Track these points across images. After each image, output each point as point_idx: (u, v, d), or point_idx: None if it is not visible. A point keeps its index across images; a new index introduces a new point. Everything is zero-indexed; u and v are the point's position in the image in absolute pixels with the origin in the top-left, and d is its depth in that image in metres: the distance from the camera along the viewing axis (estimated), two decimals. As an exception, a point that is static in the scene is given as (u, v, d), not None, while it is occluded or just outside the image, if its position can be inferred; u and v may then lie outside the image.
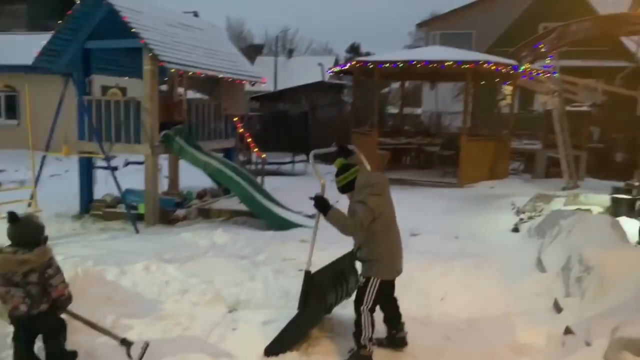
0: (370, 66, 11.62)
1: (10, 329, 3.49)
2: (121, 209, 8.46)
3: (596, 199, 8.87)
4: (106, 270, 5.32)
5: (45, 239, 3.36)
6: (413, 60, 11.15)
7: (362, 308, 3.61)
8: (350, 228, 3.60)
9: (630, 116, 18.69)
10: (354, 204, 3.65)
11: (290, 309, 4.53)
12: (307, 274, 3.71)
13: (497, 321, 4.28)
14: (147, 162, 8.16)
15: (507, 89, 21.77)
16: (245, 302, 4.86)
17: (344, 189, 3.81)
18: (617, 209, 7.75)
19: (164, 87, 10.56)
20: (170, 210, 8.54)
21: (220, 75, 9.23)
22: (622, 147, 16.57)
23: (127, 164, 14.66)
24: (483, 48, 21.07)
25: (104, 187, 9.35)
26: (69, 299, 3.44)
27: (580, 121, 13.70)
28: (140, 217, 8.13)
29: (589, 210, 7.42)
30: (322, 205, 3.68)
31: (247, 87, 11.91)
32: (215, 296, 4.84)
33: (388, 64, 11.41)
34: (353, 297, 3.86)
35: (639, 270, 4.18)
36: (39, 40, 8.76)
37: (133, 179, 9.11)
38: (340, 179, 3.80)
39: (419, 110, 26.62)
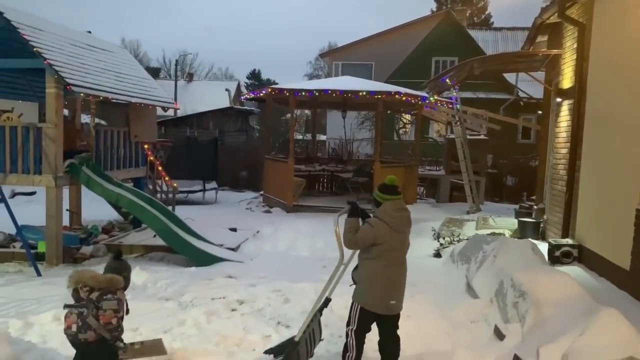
0: (287, 94, 11.60)
1: None
2: (16, 248, 7.46)
3: (503, 222, 9.50)
4: (7, 324, 4.61)
5: (127, 278, 3.61)
6: (328, 89, 11.31)
7: (348, 329, 3.77)
8: (346, 240, 3.72)
9: (512, 143, 20.66)
10: (365, 223, 3.78)
11: (231, 356, 4.23)
12: (294, 343, 3.52)
13: (445, 354, 4.28)
14: (50, 195, 7.30)
15: (406, 117, 23.10)
16: (180, 350, 4.42)
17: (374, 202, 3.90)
18: (523, 231, 8.34)
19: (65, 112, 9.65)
20: (74, 247, 7.71)
21: (133, 100, 8.63)
22: (510, 172, 18.19)
23: (14, 194, 13.16)
24: (382, 78, 22.25)
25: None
26: (115, 329, 3.40)
27: (478, 149, 14.78)
28: (40, 257, 7.22)
29: (502, 234, 7.90)
30: (353, 209, 3.82)
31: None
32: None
33: (304, 92, 11.46)
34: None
35: (568, 292, 4.43)
36: None
37: (22, 212, 8.09)
38: (376, 193, 3.88)
39: (323, 137, 27.20)
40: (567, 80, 7.66)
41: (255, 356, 4.14)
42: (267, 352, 4.10)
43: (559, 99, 7.98)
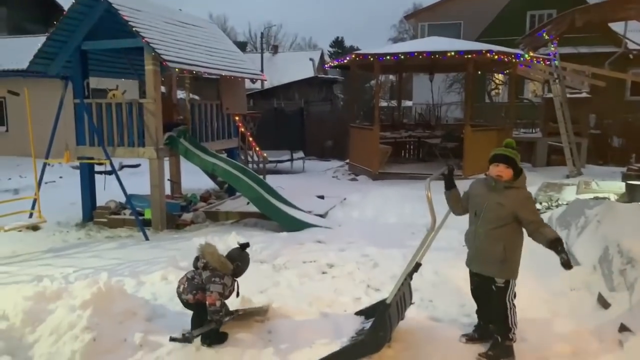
0: (371, 59, 11.42)
1: None
2: (126, 215, 8.17)
3: (608, 186, 8.81)
4: (124, 282, 5.10)
5: (239, 267, 3.98)
6: (414, 52, 10.97)
7: (508, 303, 3.58)
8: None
9: (619, 101, 18.85)
10: (531, 205, 3.55)
11: (323, 317, 4.38)
12: (385, 305, 3.52)
13: (544, 321, 4.13)
14: (153, 166, 7.87)
15: (498, 78, 21.84)
16: (275, 310, 4.64)
17: (518, 171, 3.51)
18: (632, 195, 7.67)
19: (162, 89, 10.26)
20: (176, 214, 8.29)
21: (223, 73, 8.96)
22: (617, 132, 16.68)
23: (121, 167, 14.31)
24: (471, 38, 21.09)
25: (101, 193, 9.05)
26: (217, 312, 3.77)
27: (579, 108, 13.69)
28: (146, 223, 7.86)
29: (606, 199, 7.33)
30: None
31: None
32: (244, 305, 4.63)
33: (389, 57, 11.21)
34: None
35: (685, 260, 4.06)
36: (24, 44, 8.43)
37: (128, 183, 8.81)
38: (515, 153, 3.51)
39: (409, 103, 26.56)
40: (687, 25, 6.79)
41: (346, 317, 4.24)
42: (357, 313, 4.20)
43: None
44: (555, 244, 3.35)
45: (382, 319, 3.44)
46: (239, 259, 4.00)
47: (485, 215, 3.54)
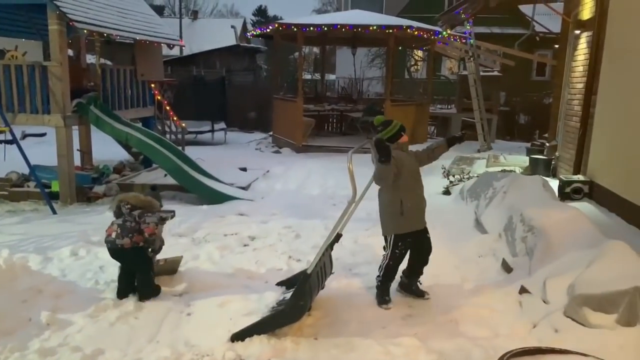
0: (294, 29, 11.27)
1: None
2: (30, 187, 7.59)
3: (514, 159, 9.44)
4: (28, 259, 4.75)
5: (159, 207, 4.21)
6: (337, 24, 10.96)
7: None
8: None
9: (526, 80, 20.16)
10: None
11: (244, 288, 4.36)
12: (306, 276, 3.53)
13: (453, 286, 4.38)
14: (60, 135, 7.32)
15: (418, 54, 22.48)
16: (194, 283, 4.55)
17: (392, 139, 3.88)
18: (534, 168, 8.29)
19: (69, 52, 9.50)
20: (87, 187, 7.83)
21: (138, 37, 8.43)
22: (523, 110, 17.86)
23: (24, 136, 13.24)
24: (393, 13, 21.46)
25: (1, 163, 8.32)
26: (159, 241, 4.08)
27: (491, 86, 14.45)
28: (53, 196, 7.34)
29: (512, 171, 7.85)
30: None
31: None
32: (160, 280, 4.49)
33: (312, 28, 11.13)
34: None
35: (578, 227, 4.45)
36: None
37: (33, 153, 8.16)
38: (386, 131, 3.89)
39: (332, 76, 26.67)
40: (586, 10, 7.32)
41: (267, 288, 4.25)
42: (279, 284, 4.22)
43: (577, 31, 7.67)
44: (450, 138, 4.27)
45: (302, 288, 3.48)
46: (159, 199, 4.29)
47: (417, 176, 4.04)
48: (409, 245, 4.04)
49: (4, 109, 7.26)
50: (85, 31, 7.03)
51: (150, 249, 4.09)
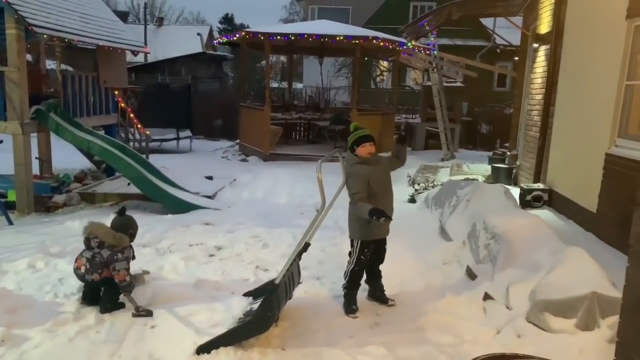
0: (261, 38, 11.26)
1: None
2: (-16, 197, 7.28)
3: (477, 168, 9.67)
4: (-20, 272, 4.55)
5: (133, 235, 4.12)
6: (304, 34, 11.02)
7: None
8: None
9: (488, 91, 20.76)
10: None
11: (210, 299, 4.28)
12: (274, 286, 3.49)
13: (419, 293, 4.43)
14: (17, 142, 7.07)
15: (383, 65, 22.82)
16: (158, 295, 4.44)
17: (355, 142, 4.02)
18: (496, 177, 8.51)
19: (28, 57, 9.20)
20: (46, 196, 7.56)
21: (100, 43, 8.24)
22: (485, 119, 18.35)
23: (-21, 144, 12.69)
24: (359, 24, 21.74)
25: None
26: (129, 284, 3.95)
27: (454, 96, 14.79)
28: (10, 206, 7.06)
29: (475, 180, 8.04)
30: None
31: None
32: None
33: (279, 36, 11.15)
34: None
35: (538, 233, 4.58)
36: None
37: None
38: (352, 135, 4.05)
39: (299, 85, 26.76)
40: (544, 25, 7.60)
41: (234, 299, 4.19)
42: (246, 294, 4.16)
43: (535, 45, 7.95)
44: (398, 139, 4.26)
45: (269, 299, 3.45)
46: (129, 226, 4.11)
47: (387, 187, 4.03)
48: (369, 253, 4.08)
49: (-43, 115, 6.97)
50: (45, 36, 6.81)
51: (120, 290, 3.98)
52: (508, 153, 9.67)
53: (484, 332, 3.63)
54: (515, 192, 6.92)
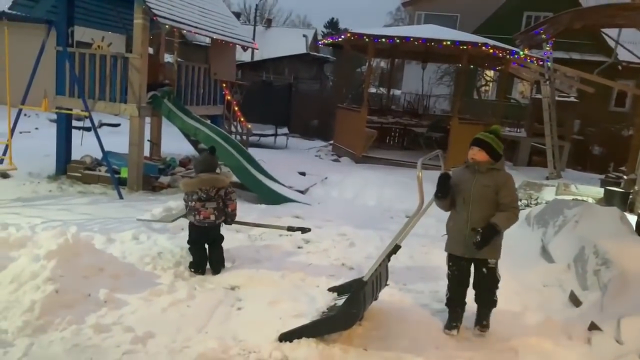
0: (366, 40, 11.24)
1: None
2: (101, 172, 7.94)
3: (587, 190, 8.91)
4: (92, 237, 4.94)
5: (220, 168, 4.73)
6: (410, 37, 10.84)
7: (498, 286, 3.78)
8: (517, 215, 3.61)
9: (603, 110, 19.11)
10: (511, 185, 3.58)
11: (295, 289, 4.31)
12: (362, 283, 3.45)
13: (514, 313, 4.12)
14: (133, 124, 7.64)
15: (489, 75, 21.86)
16: (245, 279, 4.55)
17: (494, 155, 3.54)
18: (609, 200, 7.76)
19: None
20: (153, 176, 8.09)
21: (215, 36, 8.68)
22: (598, 141, 16.91)
23: (101, 125, 13.95)
24: (467, 32, 20.99)
25: (77, 148, 8.78)
26: (236, 213, 4.70)
27: (566, 112, 13.78)
28: (121, 183, 7.64)
29: (585, 201, 7.39)
30: (492, 236, 3.51)
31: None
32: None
33: (384, 39, 11.06)
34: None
35: (659, 266, 4.09)
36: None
37: (106, 142, 8.55)
38: (499, 144, 3.57)
39: (397, 92, 26.44)
40: (684, 37, 6.81)
41: (318, 292, 4.17)
42: (331, 289, 4.13)
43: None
44: (486, 227, 3.48)
45: (356, 296, 3.38)
46: (217, 164, 4.79)
47: (475, 199, 3.54)
48: (455, 268, 3.76)
49: (86, 95, 7.66)
50: (167, 26, 7.30)
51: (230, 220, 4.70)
52: (624, 177, 8.81)
53: (587, 364, 3.29)
54: (632, 219, 6.26)
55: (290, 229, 5.21)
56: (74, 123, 8.89)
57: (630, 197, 7.77)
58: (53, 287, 3.58)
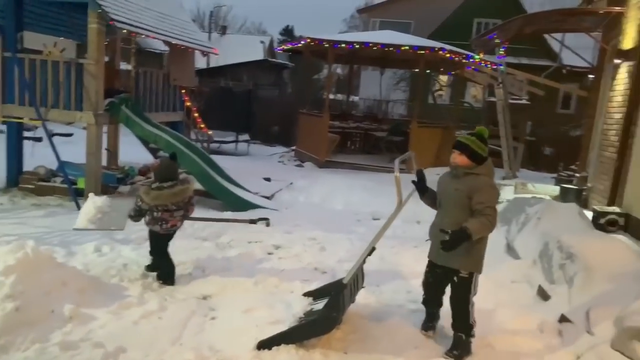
0: (326, 45, 11.29)
1: None
2: (57, 183, 7.59)
3: (543, 188, 9.22)
4: (53, 251, 4.70)
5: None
6: (369, 42, 10.96)
7: (470, 299, 3.51)
8: (495, 222, 3.30)
9: (551, 112, 19.95)
10: (487, 190, 3.29)
11: (270, 296, 4.23)
12: (342, 286, 3.42)
13: (487, 310, 4.18)
14: (90, 132, 7.34)
15: (443, 80, 22.43)
16: (217, 288, 4.44)
17: (476, 158, 3.34)
18: (565, 197, 8.06)
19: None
20: (112, 186, 7.80)
21: (173, 42, 8.49)
22: (549, 141, 17.61)
23: (52, 135, 13.35)
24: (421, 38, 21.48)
25: (29, 158, 8.38)
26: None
27: (518, 114, 14.28)
28: (78, 193, 7.32)
29: (543, 198, 7.65)
30: (460, 239, 3.21)
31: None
32: (181, 282, 4.41)
33: (344, 44, 11.14)
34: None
35: (620, 256, 4.26)
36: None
37: (60, 151, 8.20)
38: (480, 146, 3.35)
39: (355, 98, 26.72)
40: (629, 40, 7.18)
41: (293, 298, 4.12)
42: (306, 294, 4.08)
43: (617, 60, 7.51)
44: (457, 230, 3.22)
45: (336, 299, 3.35)
46: (177, 170, 4.51)
47: (446, 203, 3.45)
48: (430, 275, 3.67)
49: (38, 103, 7.31)
50: (124, 31, 7.07)
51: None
52: (576, 175, 9.19)
53: (562, 355, 3.38)
54: (587, 214, 6.52)
55: (252, 221, 5.46)
56: (25, 134, 8.48)
57: (584, 193, 8.11)
58: (13, 305, 3.37)
